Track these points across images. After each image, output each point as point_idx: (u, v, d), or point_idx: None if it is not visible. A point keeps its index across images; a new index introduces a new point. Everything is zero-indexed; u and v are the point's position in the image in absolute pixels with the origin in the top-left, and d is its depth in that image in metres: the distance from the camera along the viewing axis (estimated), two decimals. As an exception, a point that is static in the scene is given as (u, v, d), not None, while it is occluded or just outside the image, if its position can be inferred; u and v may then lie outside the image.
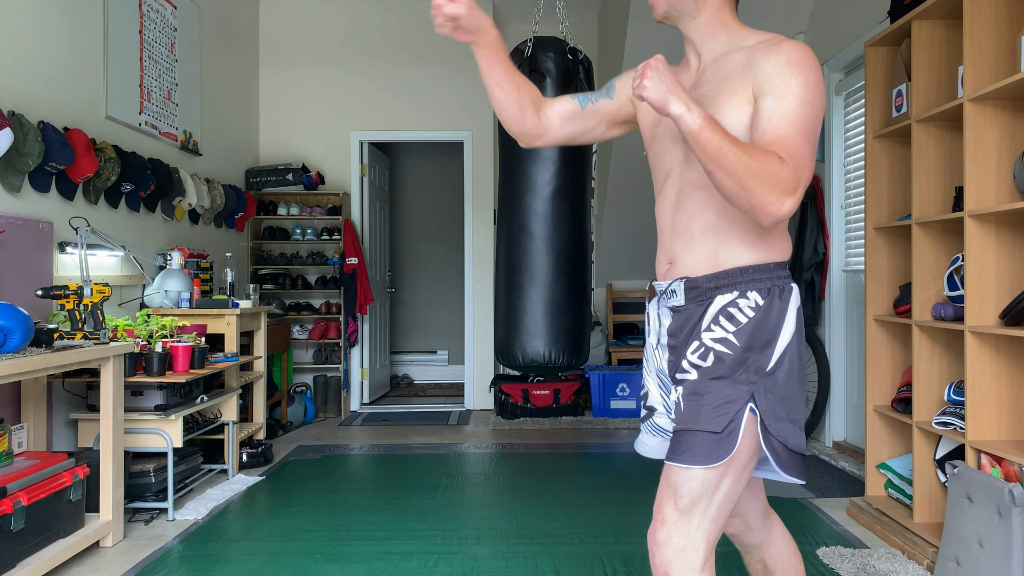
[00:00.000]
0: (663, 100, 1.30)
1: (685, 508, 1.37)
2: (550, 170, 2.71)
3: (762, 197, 1.27)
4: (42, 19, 3.33)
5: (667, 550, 1.36)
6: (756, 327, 1.41)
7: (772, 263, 1.45)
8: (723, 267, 1.44)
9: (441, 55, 6.01)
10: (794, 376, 1.43)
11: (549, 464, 4.25)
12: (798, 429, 1.43)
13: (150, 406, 3.30)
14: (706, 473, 1.36)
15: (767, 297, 1.43)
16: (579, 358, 2.79)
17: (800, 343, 1.45)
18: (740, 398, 1.38)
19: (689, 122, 1.29)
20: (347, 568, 2.72)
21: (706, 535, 1.37)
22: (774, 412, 1.39)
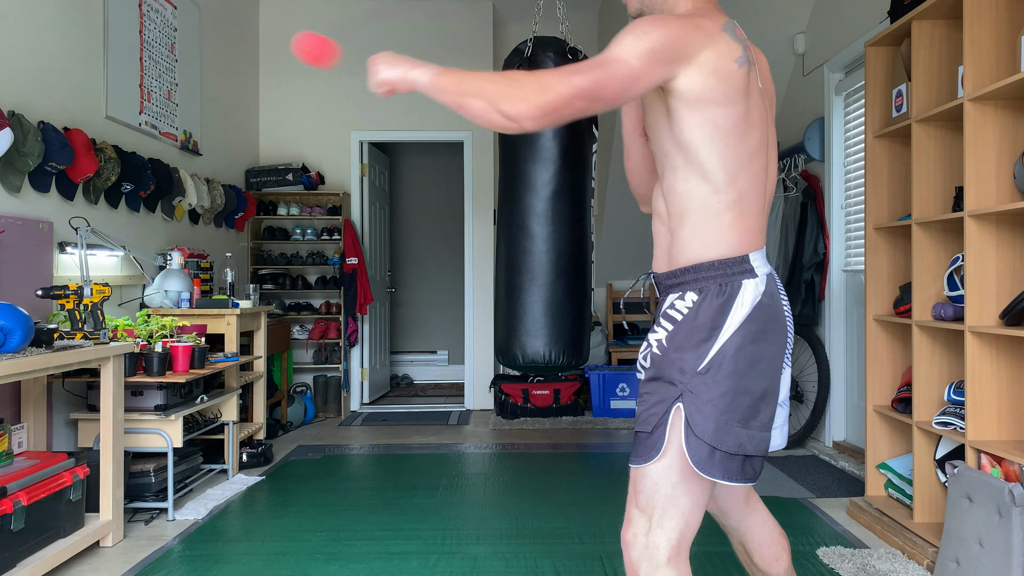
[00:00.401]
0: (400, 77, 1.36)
1: (643, 506, 1.41)
2: (550, 170, 2.71)
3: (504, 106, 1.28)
4: (42, 19, 3.33)
5: (634, 549, 1.41)
6: (688, 325, 1.40)
7: (719, 260, 1.41)
8: (675, 265, 1.46)
9: (441, 56, 6.01)
10: (738, 374, 1.37)
11: (549, 464, 4.25)
12: (740, 430, 1.37)
13: (150, 406, 3.30)
14: (654, 471, 1.39)
15: (702, 295, 1.41)
16: (579, 358, 2.79)
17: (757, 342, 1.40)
18: (668, 399, 1.39)
19: (423, 80, 1.34)
20: (347, 568, 2.72)
21: (666, 532, 1.39)
22: (702, 412, 1.36)
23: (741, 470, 1.38)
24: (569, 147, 2.74)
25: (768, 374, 1.41)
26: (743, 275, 1.41)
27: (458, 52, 6.02)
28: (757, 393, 1.39)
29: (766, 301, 1.42)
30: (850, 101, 4.38)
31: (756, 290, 1.41)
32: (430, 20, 6.02)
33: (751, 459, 1.39)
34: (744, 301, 1.39)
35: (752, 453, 1.39)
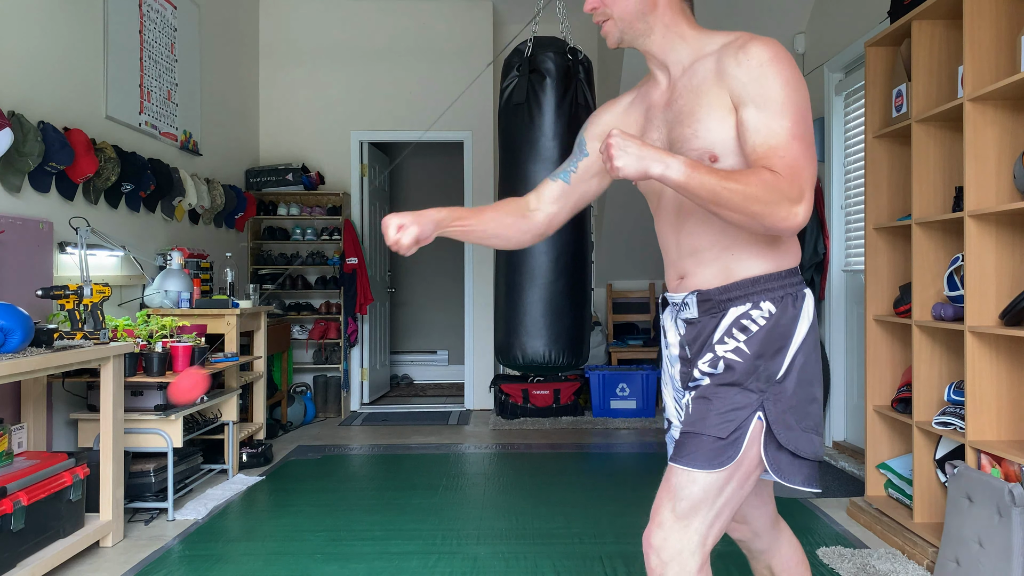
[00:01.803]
0: (641, 169, 1.27)
1: (683, 512, 1.36)
2: (550, 170, 2.71)
3: (772, 218, 1.27)
4: (42, 19, 3.33)
5: (662, 554, 1.35)
6: (767, 335, 1.40)
7: (783, 271, 1.44)
8: (734, 279, 1.43)
9: (441, 55, 6.02)
10: (806, 382, 1.41)
11: (549, 464, 4.25)
12: (813, 435, 1.40)
13: (150, 406, 3.30)
14: (708, 478, 1.35)
15: (779, 305, 1.42)
16: (579, 358, 2.79)
17: (814, 348, 1.44)
18: (749, 406, 1.38)
19: (674, 176, 1.27)
20: (347, 568, 2.72)
21: (703, 540, 1.35)
22: (783, 420, 1.37)
23: (814, 475, 1.41)
24: (569, 147, 2.73)
25: (820, 381, 1.45)
26: (801, 286, 1.46)
27: (458, 52, 6.02)
28: (819, 400, 1.44)
29: (815, 311, 1.47)
30: (850, 101, 4.38)
31: (812, 300, 1.46)
32: (430, 20, 6.02)
33: (818, 464, 1.43)
34: (807, 311, 1.44)
35: (819, 459, 1.42)
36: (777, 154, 1.29)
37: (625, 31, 1.47)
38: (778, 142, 1.30)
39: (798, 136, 1.31)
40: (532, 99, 2.71)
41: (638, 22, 1.46)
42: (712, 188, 1.26)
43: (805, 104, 1.34)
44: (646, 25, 1.46)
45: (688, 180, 1.26)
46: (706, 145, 1.39)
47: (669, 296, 1.58)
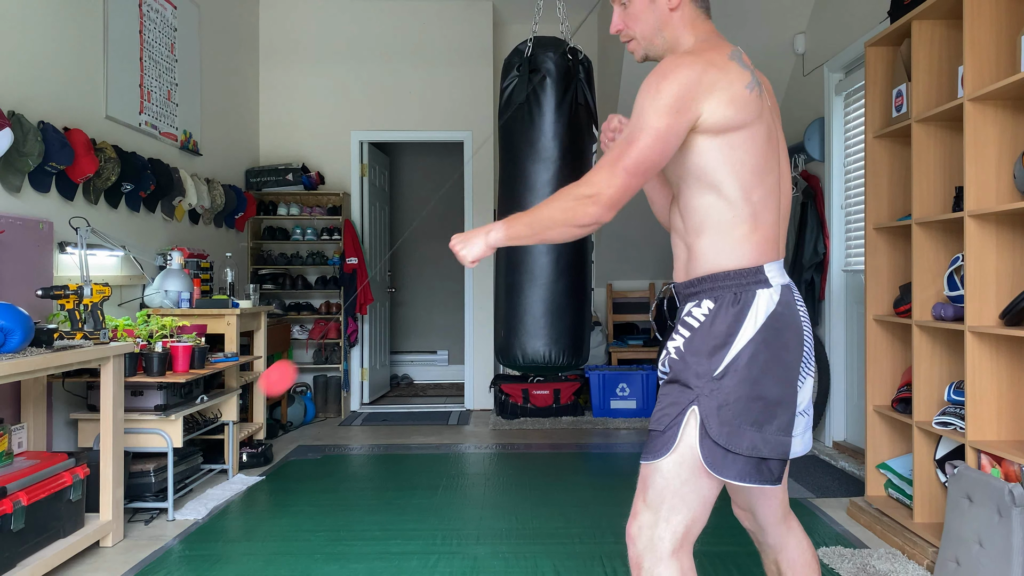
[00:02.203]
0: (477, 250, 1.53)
1: (651, 501, 1.46)
2: (550, 170, 2.71)
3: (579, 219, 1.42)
4: (42, 19, 3.33)
5: (639, 542, 1.46)
6: (703, 333, 1.47)
7: (734, 270, 1.47)
8: (692, 275, 1.52)
9: (441, 55, 6.02)
10: (755, 381, 1.43)
11: (549, 464, 4.25)
12: (754, 433, 1.42)
13: (150, 406, 3.30)
14: (664, 468, 1.44)
15: (718, 303, 1.47)
16: (579, 358, 2.79)
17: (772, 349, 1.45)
18: (682, 400, 1.45)
19: (495, 241, 1.51)
20: (347, 568, 2.72)
21: (672, 527, 1.44)
22: (718, 415, 1.42)
23: (756, 471, 1.44)
24: (569, 147, 2.74)
25: (784, 381, 1.46)
26: (757, 285, 1.47)
27: (458, 52, 6.02)
28: (771, 399, 1.45)
29: (780, 310, 1.47)
30: (850, 101, 4.38)
31: (771, 300, 1.47)
32: (430, 20, 6.02)
33: (767, 462, 1.45)
34: (758, 310, 1.46)
35: (768, 456, 1.44)
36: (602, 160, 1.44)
37: (648, 47, 1.60)
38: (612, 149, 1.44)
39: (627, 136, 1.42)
40: (532, 99, 2.72)
41: (656, 38, 1.58)
42: (528, 227, 1.47)
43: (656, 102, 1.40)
44: (663, 40, 1.57)
45: (508, 235, 1.49)
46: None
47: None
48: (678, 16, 1.55)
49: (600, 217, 1.41)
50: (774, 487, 1.64)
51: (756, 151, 1.45)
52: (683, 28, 1.55)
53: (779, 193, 1.53)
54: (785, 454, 1.46)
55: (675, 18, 1.55)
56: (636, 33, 1.59)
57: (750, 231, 1.47)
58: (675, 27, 1.55)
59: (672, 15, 1.55)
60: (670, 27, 1.55)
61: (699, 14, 1.57)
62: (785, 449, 1.46)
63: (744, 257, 1.47)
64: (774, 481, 1.45)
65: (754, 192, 1.46)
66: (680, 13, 1.55)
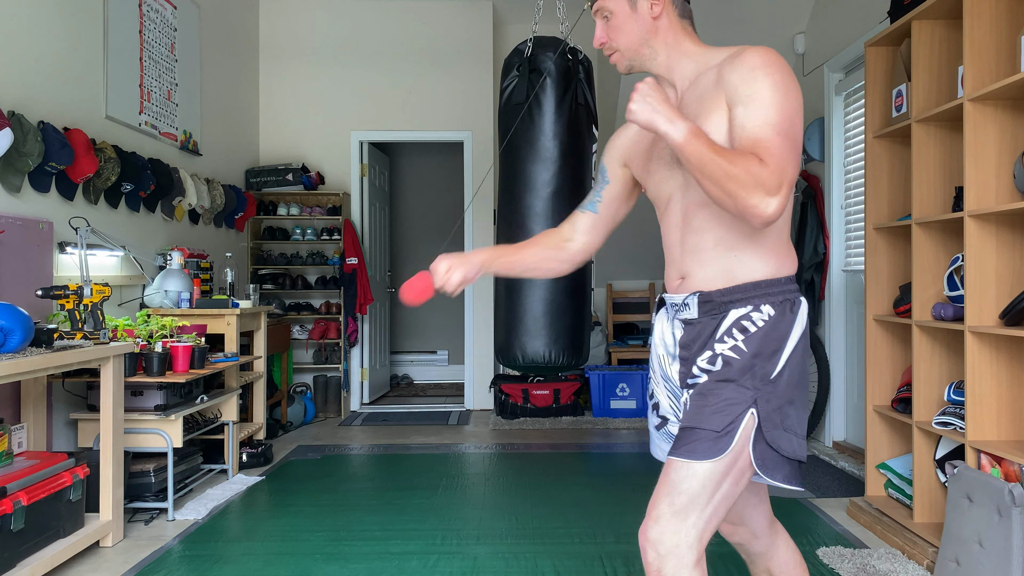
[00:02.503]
0: (650, 120, 1.37)
1: (681, 506, 1.38)
2: (550, 170, 2.71)
3: (746, 201, 1.31)
4: (42, 19, 3.33)
5: (660, 548, 1.38)
6: (765, 336, 1.46)
7: (782, 277, 1.50)
8: (737, 282, 1.48)
9: (441, 55, 6.02)
10: (794, 385, 1.47)
11: (549, 464, 4.25)
12: (793, 436, 1.45)
13: (150, 406, 3.30)
14: (705, 472, 1.38)
15: (778, 309, 1.48)
16: (579, 358, 2.79)
17: (804, 356, 1.49)
18: (743, 401, 1.42)
19: (674, 135, 1.35)
20: (347, 568, 2.72)
21: (700, 534, 1.38)
22: (771, 418, 1.43)
23: (798, 474, 1.46)
24: (569, 147, 2.74)
25: (806, 387, 1.51)
26: (798, 293, 1.52)
27: (458, 52, 6.02)
28: (800, 404, 1.49)
29: (808, 319, 1.54)
30: (850, 101, 4.38)
31: (807, 308, 1.51)
32: (430, 20, 6.02)
33: (801, 464, 1.48)
34: (802, 317, 1.49)
35: (801, 459, 1.47)
36: (762, 145, 1.34)
37: (632, 59, 1.58)
38: (762, 135, 1.35)
39: (783, 132, 1.35)
40: (532, 99, 2.72)
41: (643, 48, 1.55)
42: (701, 155, 1.33)
43: (794, 107, 1.38)
44: (651, 50, 1.55)
45: (685, 144, 1.34)
46: None
47: (667, 297, 1.61)
48: (661, 25, 1.54)
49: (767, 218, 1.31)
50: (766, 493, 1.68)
51: None
52: (667, 37, 1.54)
53: None
54: (806, 457, 1.49)
55: (661, 26, 1.54)
56: (620, 45, 1.57)
57: (788, 240, 1.53)
58: (664, 35, 1.54)
59: (657, 24, 1.53)
60: (658, 36, 1.54)
61: (683, 23, 1.56)
62: (806, 453, 1.49)
63: (789, 265, 1.52)
64: (803, 483, 1.49)
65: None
66: (663, 22, 1.53)
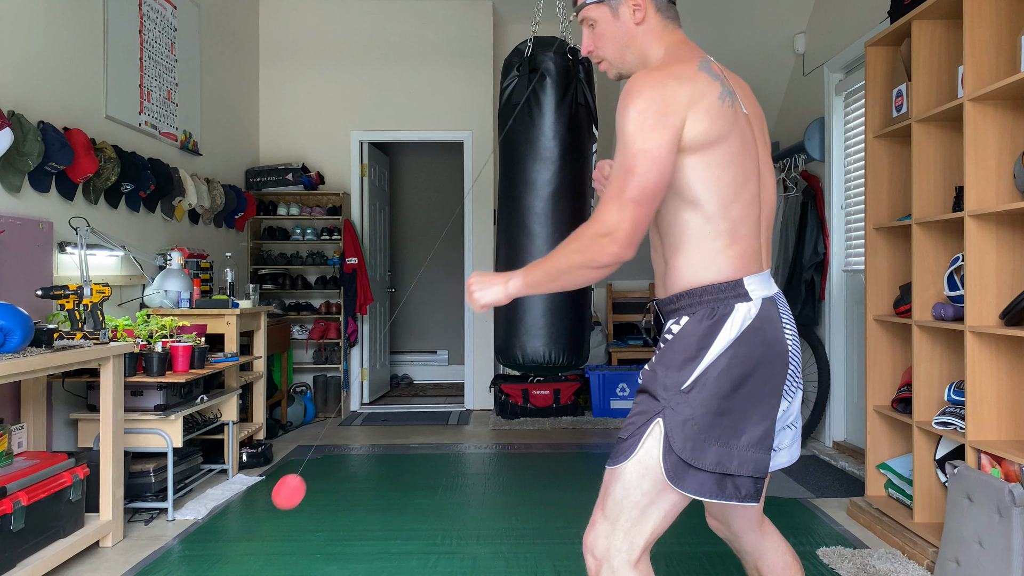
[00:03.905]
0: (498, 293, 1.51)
1: (609, 511, 1.44)
2: (550, 170, 2.71)
3: (597, 262, 1.37)
4: (42, 19, 3.33)
5: (595, 551, 1.44)
6: (674, 346, 1.45)
7: (711, 284, 1.44)
8: (671, 291, 1.49)
9: (441, 56, 6.02)
10: (723, 395, 1.40)
11: (549, 464, 4.25)
12: (719, 447, 1.39)
13: (150, 406, 3.30)
14: (627, 477, 1.43)
15: (694, 317, 1.44)
16: (579, 358, 2.79)
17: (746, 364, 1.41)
18: (649, 411, 1.44)
19: (517, 288, 1.48)
20: (347, 568, 2.72)
21: (630, 538, 1.41)
22: (682, 429, 1.39)
23: (719, 487, 1.39)
24: (569, 147, 2.74)
25: (758, 396, 1.42)
26: (736, 299, 1.43)
27: (458, 52, 6.02)
28: (742, 414, 1.41)
29: (759, 324, 1.43)
30: (850, 101, 4.38)
31: (748, 313, 1.43)
32: (430, 20, 6.02)
33: (733, 478, 1.40)
34: (733, 324, 1.42)
35: (735, 473, 1.39)
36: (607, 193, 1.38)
37: (619, 66, 1.60)
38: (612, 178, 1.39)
39: (621, 165, 1.37)
40: (532, 99, 2.72)
41: (626, 54, 1.57)
42: (546, 274, 1.44)
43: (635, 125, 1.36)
44: (633, 56, 1.57)
45: (526, 282, 1.47)
46: None
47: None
48: (644, 29, 1.53)
49: (620, 255, 1.36)
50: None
51: (733, 164, 1.41)
52: (651, 41, 1.54)
53: (759, 203, 1.49)
54: (758, 471, 1.41)
55: (641, 32, 1.53)
56: (605, 53, 1.58)
57: (727, 245, 1.43)
58: (642, 41, 1.54)
59: (638, 29, 1.53)
60: (637, 42, 1.54)
61: (666, 24, 1.55)
62: (759, 466, 1.41)
63: (722, 271, 1.44)
64: (742, 498, 1.40)
65: (733, 206, 1.42)
66: (646, 26, 1.53)
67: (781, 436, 1.52)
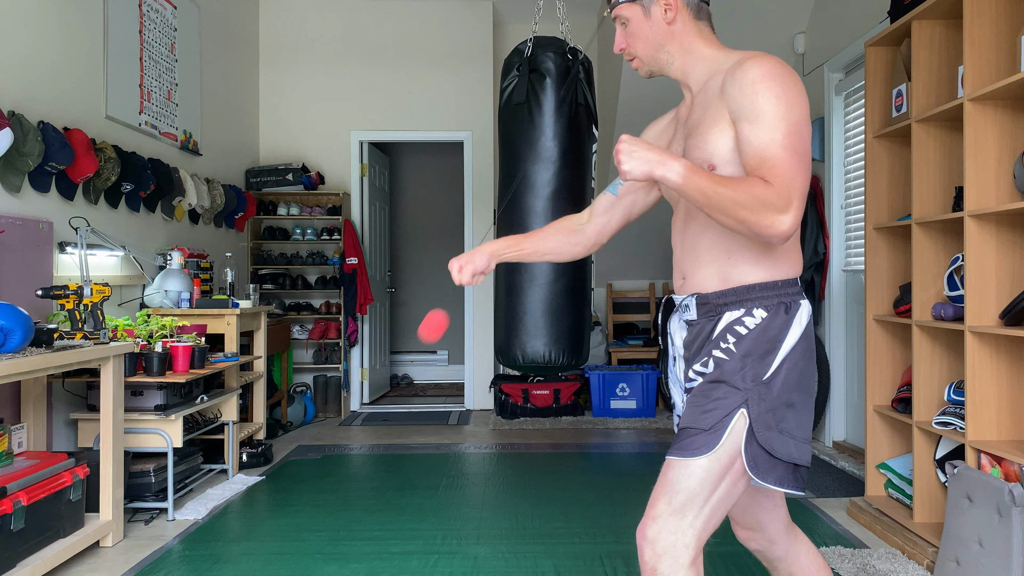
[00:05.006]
0: (646, 171, 1.39)
1: (679, 505, 1.40)
2: (550, 170, 2.71)
3: (758, 224, 1.34)
4: (42, 19, 3.33)
5: (657, 546, 1.39)
6: (757, 337, 1.46)
7: (779, 280, 1.49)
8: (731, 284, 1.50)
9: (441, 56, 6.02)
10: (792, 388, 1.45)
11: (549, 464, 4.25)
12: (790, 439, 1.44)
13: (150, 406, 3.30)
14: (702, 471, 1.40)
15: (771, 311, 1.48)
16: (579, 358, 2.79)
17: (802, 357, 1.47)
18: (733, 401, 1.43)
19: (672, 178, 1.37)
20: (347, 568, 2.72)
21: (697, 533, 1.39)
22: (763, 419, 1.42)
23: (793, 477, 1.45)
24: (569, 147, 2.74)
25: (809, 390, 1.49)
26: (799, 295, 1.51)
27: (458, 52, 6.02)
28: (803, 406, 1.47)
29: (810, 321, 1.51)
30: (850, 101, 4.38)
31: (808, 310, 1.51)
32: (430, 20, 6.02)
33: (799, 468, 1.46)
34: (801, 320, 1.49)
35: (799, 463, 1.45)
36: (767, 165, 1.36)
37: (652, 64, 1.62)
38: (767, 153, 1.37)
39: (789, 148, 1.37)
40: (532, 99, 2.71)
41: (659, 54, 1.59)
42: (705, 191, 1.36)
43: (800, 117, 1.39)
44: (667, 55, 1.59)
45: (684, 182, 1.37)
46: (705, 156, 1.49)
47: (675, 297, 1.64)
48: (678, 28, 1.56)
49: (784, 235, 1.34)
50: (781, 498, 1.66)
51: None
52: (692, 38, 1.56)
53: None
54: (809, 461, 1.47)
55: (675, 31, 1.56)
56: (637, 51, 1.60)
57: (793, 243, 1.51)
58: (680, 40, 1.56)
59: (671, 29, 1.55)
60: (674, 41, 1.56)
61: (701, 27, 1.57)
62: (810, 456, 1.47)
63: (792, 267, 1.51)
64: (803, 487, 1.47)
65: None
66: (680, 26, 1.55)
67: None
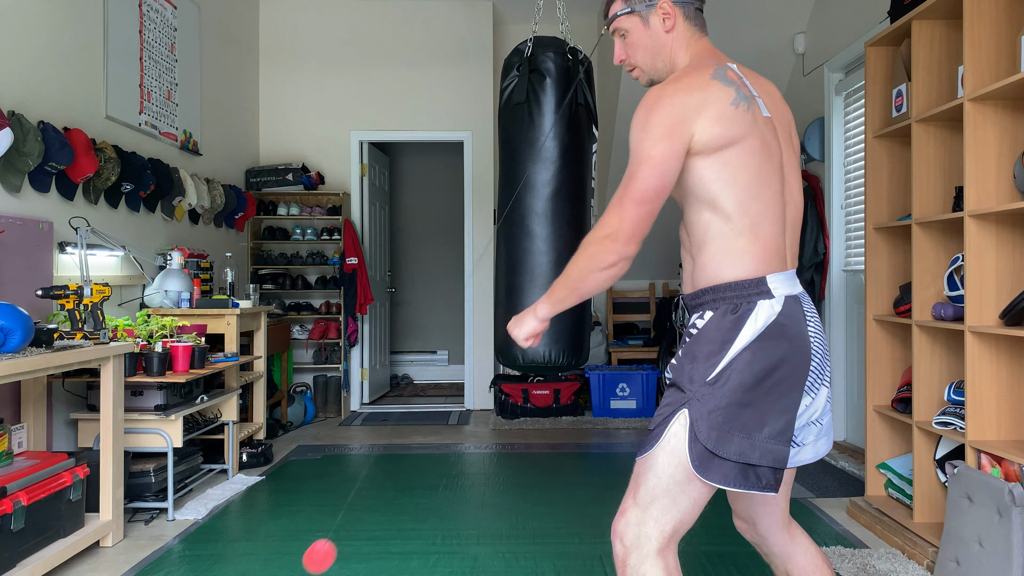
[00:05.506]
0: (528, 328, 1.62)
1: (642, 500, 1.49)
2: (550, 170, 2.71)
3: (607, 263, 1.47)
4: (42, 19, 3.33)
5: (625, 539, 1.48)
6: (701, 339, 1.50)
7: (735, 281, 1.49)
8: (697, 287, 1.55)
9: (441, 56, 6.02)
10: (744, 388, 1.44)
11: (549, 464, 4.25)
12: (743, 439, 1.44)
13: (150, 406, 3.30)
14: (660, 466, 1.47)
15: (716, 312, 1.50)
16: (579, 358, 2.79)
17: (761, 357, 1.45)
18: (676, 402, 1.50)
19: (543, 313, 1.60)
20: (347, 568, 2.72)
21: (661, 526, 1.46)
22: (708, 420, 1.44)
23: (743, 476, 1.44)
24: (569, 147, 2.74)
25: (780, 391, 1.47)
26: (759, 296, 1.49)
27: (458, 52, 6.02)
28: (764, 407, 1.46)
29: (783, 321, 1.48)
30: (850, 101, 4.38)
31: (771, 310, 1.48)
32: (430, 20, 6.02)
33: (755, 468, 1.45)
34: (757, 320, 1.47)
35: (756, 463, 1.44)
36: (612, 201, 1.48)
37: (651, 73, 1.67)
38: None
39: (627, 172, 1.47)
40: (532, 99, 2.72)
41: (657, 62, 1.65)
42: (564, 288, 1.54)
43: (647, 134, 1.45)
44: (664, 63, 1.64)
45: (552, 305, 1.58)
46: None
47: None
48: (673, 37, 1.61)
49: (623, 252, 1.46)
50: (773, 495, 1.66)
51: (750, 165, 1.47)
52: (679, 48, 1.62)
53: (783, 203, 1.53)
54: (778, 462, 1.45)
55: (670, 40, 1.61)
56: (637, 61, 1.66)
57: (749, 243, 1.49)
58: (671, 48, 1.62)
59: (668, 37, 1.61)
60: (667, 49, 1.62)
61: (693, 32, 1.62)
62: (778, 457, 1.45)
63: (744, 269, 1.49)
64: (763, 487, 1.45)
65: (752, 205, 1.48)
66: (675, 34, 1.62)
67: (805, 432, 1.54)
